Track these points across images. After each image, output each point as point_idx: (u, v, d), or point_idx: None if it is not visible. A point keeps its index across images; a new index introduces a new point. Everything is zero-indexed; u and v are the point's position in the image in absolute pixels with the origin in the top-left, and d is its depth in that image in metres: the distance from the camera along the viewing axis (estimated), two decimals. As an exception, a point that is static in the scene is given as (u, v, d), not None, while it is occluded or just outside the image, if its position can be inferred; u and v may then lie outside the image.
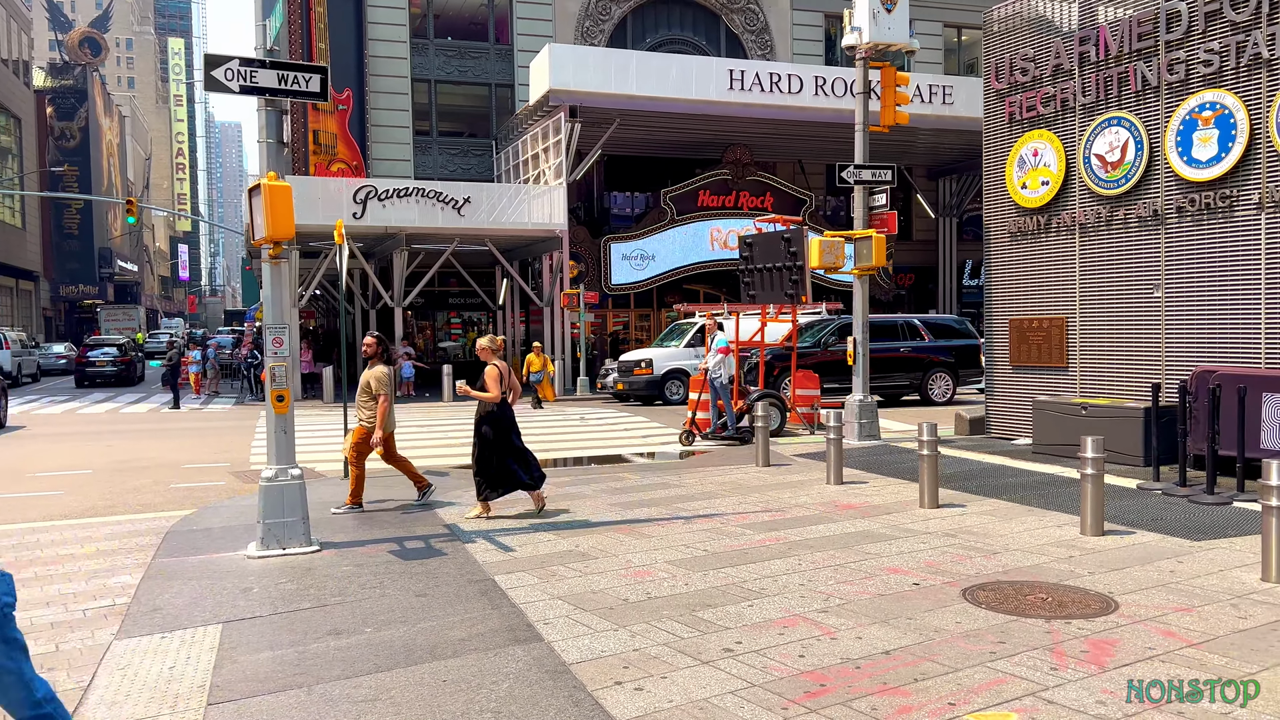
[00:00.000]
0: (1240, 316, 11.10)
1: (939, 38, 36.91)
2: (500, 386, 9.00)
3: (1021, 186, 13.79)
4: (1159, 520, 8.70)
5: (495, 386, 8.97)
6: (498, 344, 9.30)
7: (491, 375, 9.01)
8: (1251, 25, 10.94)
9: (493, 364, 9.08)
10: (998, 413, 14.40)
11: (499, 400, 9.04)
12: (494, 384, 8.98)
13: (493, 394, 8.97)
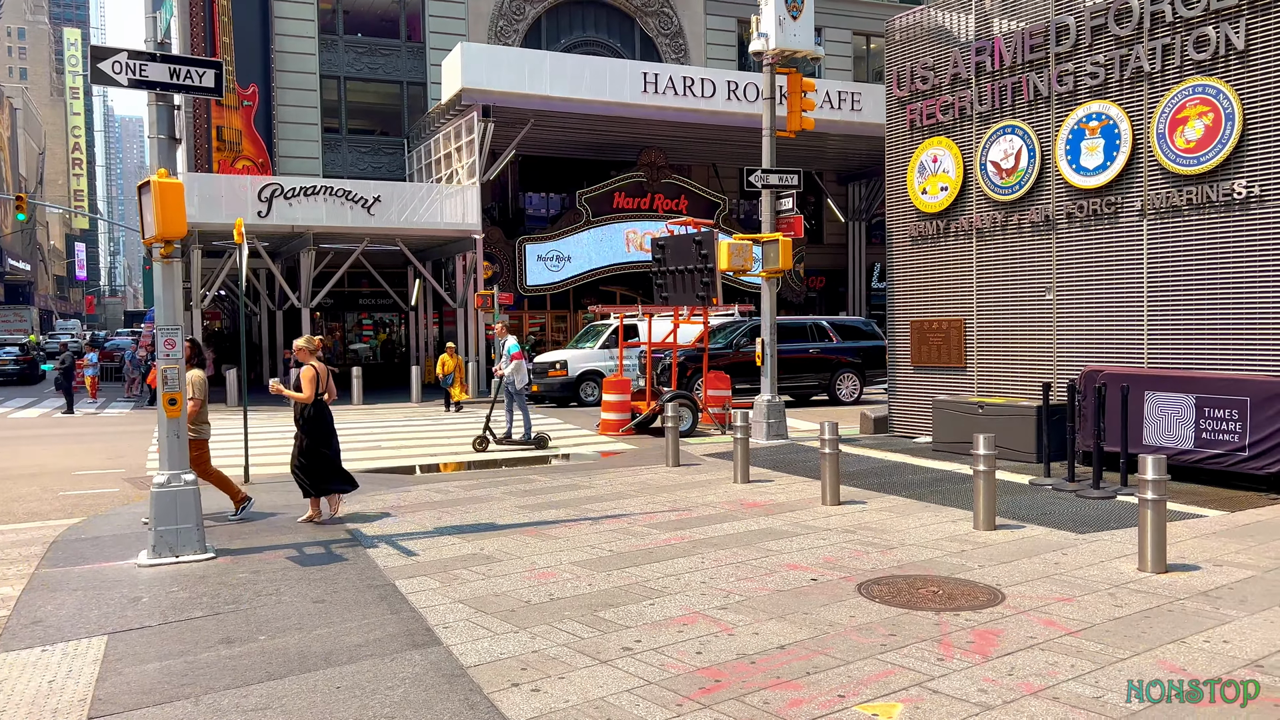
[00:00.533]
0: (1125, 318, 11.61)
1: (848, 45, 37.68)
2: (315, 388, 8.94)
3: (922, 192, 14.18)
4: (1047, 514, 9.05)
5: (309, 388, 8.91)
6: (315, 345, 9.22)
7: (307, 376, 8.94)
8: (1134, 40, 11.46)
9: (310, 365, 9.01)
10: (900, 412, 14.78)
11: (311, 401, 8.95)
12: (308, 385, 8.92)
13: (304, 395, 8.89)
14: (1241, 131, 10.37)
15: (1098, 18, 11.81)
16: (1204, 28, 10.73)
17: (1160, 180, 11.20)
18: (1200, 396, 10.24)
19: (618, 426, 16.38)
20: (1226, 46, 10.52)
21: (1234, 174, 10.49)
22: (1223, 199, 10.57)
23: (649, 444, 14.95)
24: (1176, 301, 11.08)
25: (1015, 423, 11.96)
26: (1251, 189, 10.32)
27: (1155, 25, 11.24)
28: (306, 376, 8.97)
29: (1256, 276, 10.33)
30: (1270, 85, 10.19)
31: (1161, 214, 11.20)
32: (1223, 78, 10.56)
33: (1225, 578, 6.79)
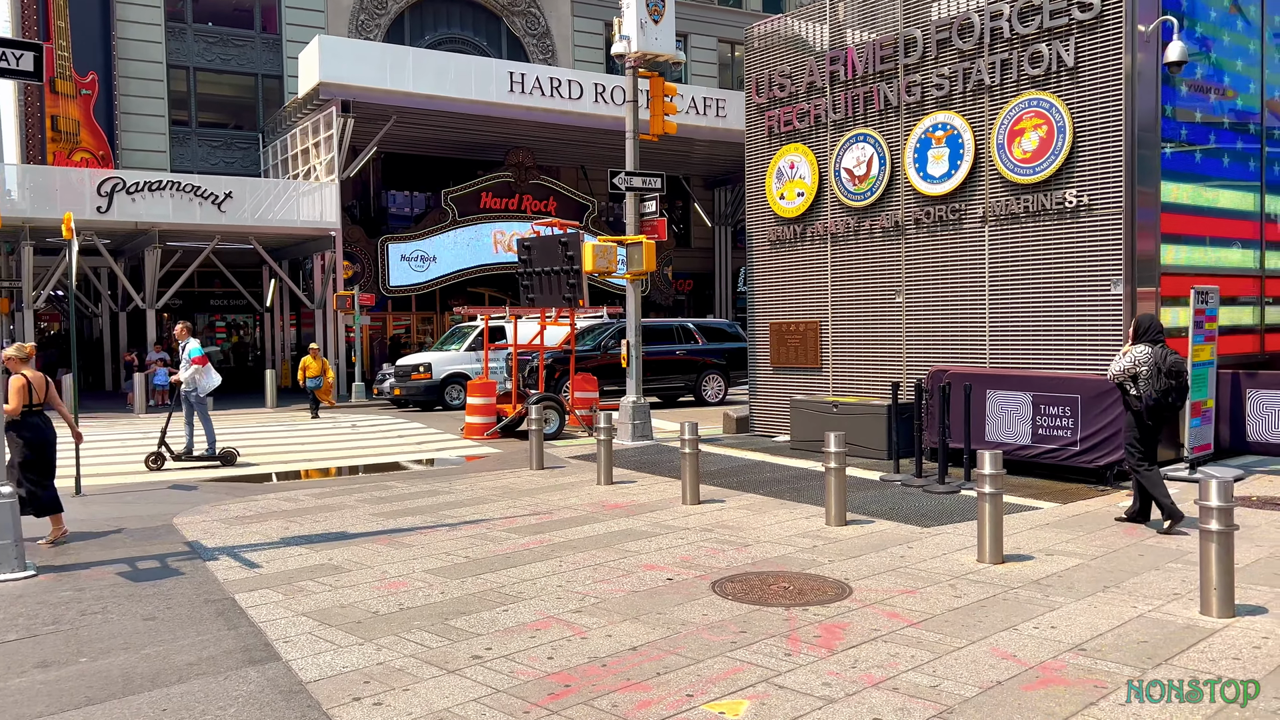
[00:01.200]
0: (969, 320, 12.15)
1: (714, 52, 38.30)
2: (24, 398, 8.20)
3: (780, 197, 14.50)
4: (896, 509, 9.36)
5: (16, 398, 8.14)
6: (27, 352, 8.51)
7: (15, 385, 8.17)
8: (976, 54, 12.01)
9: (20, 374, 8.26)
10: (760, 411, 15.07)
11: (18, 413, 8.18)
12: (16, 395, 8.14)
13: (11, 406, 8.12)
14: (1072, 144, 10.99)
15: (943, 31, 12.33)
16: (1038, 45, 11.33)
17: (1000, 189, 11.77)
18: (1036, 395, 10.80)
19: (483, 430, 16.15)
20: (1058, 63, 11.14)
21: (1065, 184, 11.11)
22: (1056, 207, 11.18)
23: (515, 447, 14.78)
24: (1015, 303, 11.66)
25: (868, 421, 12.35)
26: (1081, 198, 10.95)
27: (994, 41, 11.81)
28: (15, 386, 8.15)
29: (1085, 281, 10.96)
30: (1096, 101, 10.83)
31: (1001, 221, 11.77)
32: (1055, 92, 11.17)
33: (1056, 566, 7.15)
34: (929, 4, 12.62)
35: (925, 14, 12.65)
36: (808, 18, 14.30)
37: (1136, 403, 8.31)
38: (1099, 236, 10.84)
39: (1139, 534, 8.17)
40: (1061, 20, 11.09)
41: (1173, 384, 8.19)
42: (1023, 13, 11.48)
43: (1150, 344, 8.33)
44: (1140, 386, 8.27)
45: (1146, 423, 8.34)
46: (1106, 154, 10.76)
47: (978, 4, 12.04)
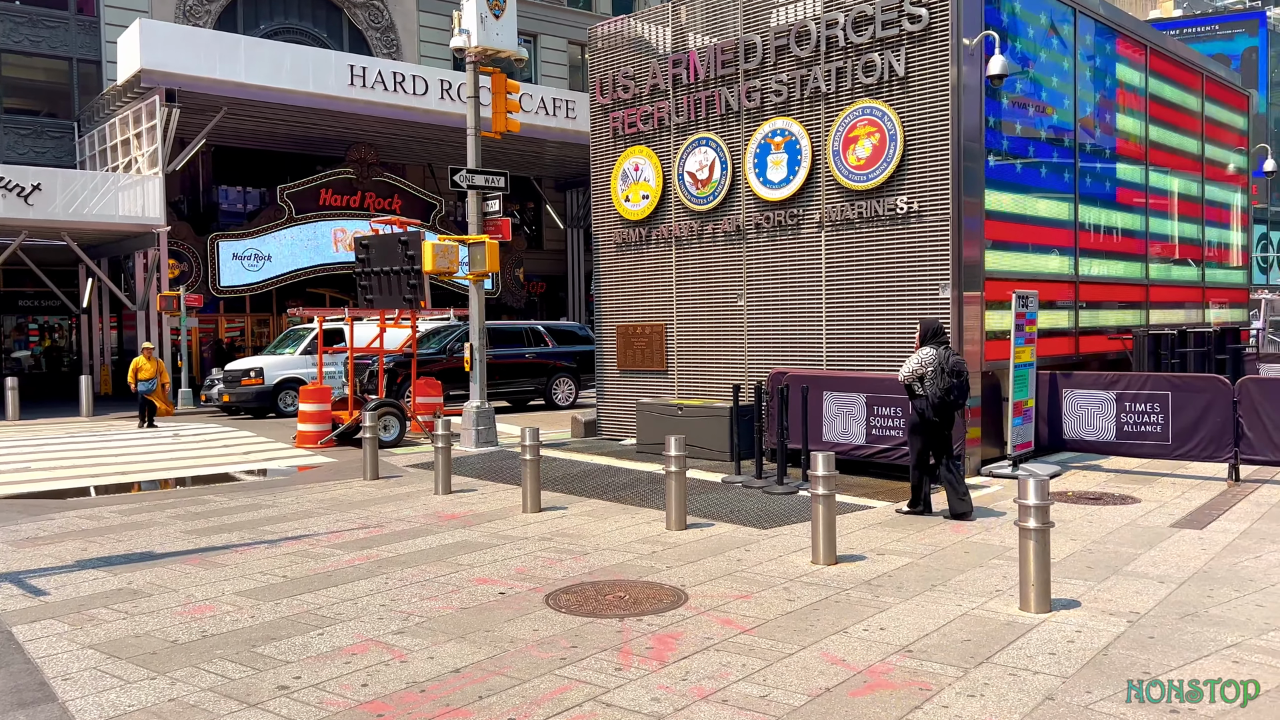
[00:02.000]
0: (807, 323, 12.34)
1: (564, 54, 38.08)
2: None
3: (625, 199, 14.41)
4: (735, 511, 9.35)
5: None
6: None
7: None
8: (813, 61, 12.22)
9: None
10: (607, 415, 14.93)
11: None
12: None
13: None
14: (903, 152, 11.30)
15: (781, 38, 12.49)
16: (871, 54, 11.61)
17: (836, 195, 12.01)
18: (870, 396, 11.04)
19: (316, 438, 15.39)
20: (890, 73, 11.44)
21: (897, 191, 11.42)
22: (888, 213, 11.48)
23: (351, 456, 14.13)
24: (851, 307, 11.91)
25: (711, 423, 12.37)
26: (911, 205, 11.28)
27: (830, 49, 12.04)
28: None
29: (915, 285, 11.29)
30: (925, 110, 11.18)
31: (837, 226, 12.00)
32: (888, 101, 11.47)
33: (887, 566, 7.25)
34: (768, 11, 12.78)
35: (765, 21, 12.80)
36: (650, 20, 14.26)
37: (922, 402, 8.85)
38: (928, 242, 11.19)
39: (965, 531, 8.41)
40: (893, 31, 11.40)
41: (954, 383, 8.77)
42: (857, 22, 11.75)
43: (935, 346, 8.87)
44: (926, 386, 8.80)
45: (934, 420, 8.87)
46: (935, 162, 11.11)
47: (815, 13, 12.26)
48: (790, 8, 12.50)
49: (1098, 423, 11.33)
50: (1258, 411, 10.32)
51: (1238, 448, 10.43)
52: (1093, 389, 11.40)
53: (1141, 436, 11.03)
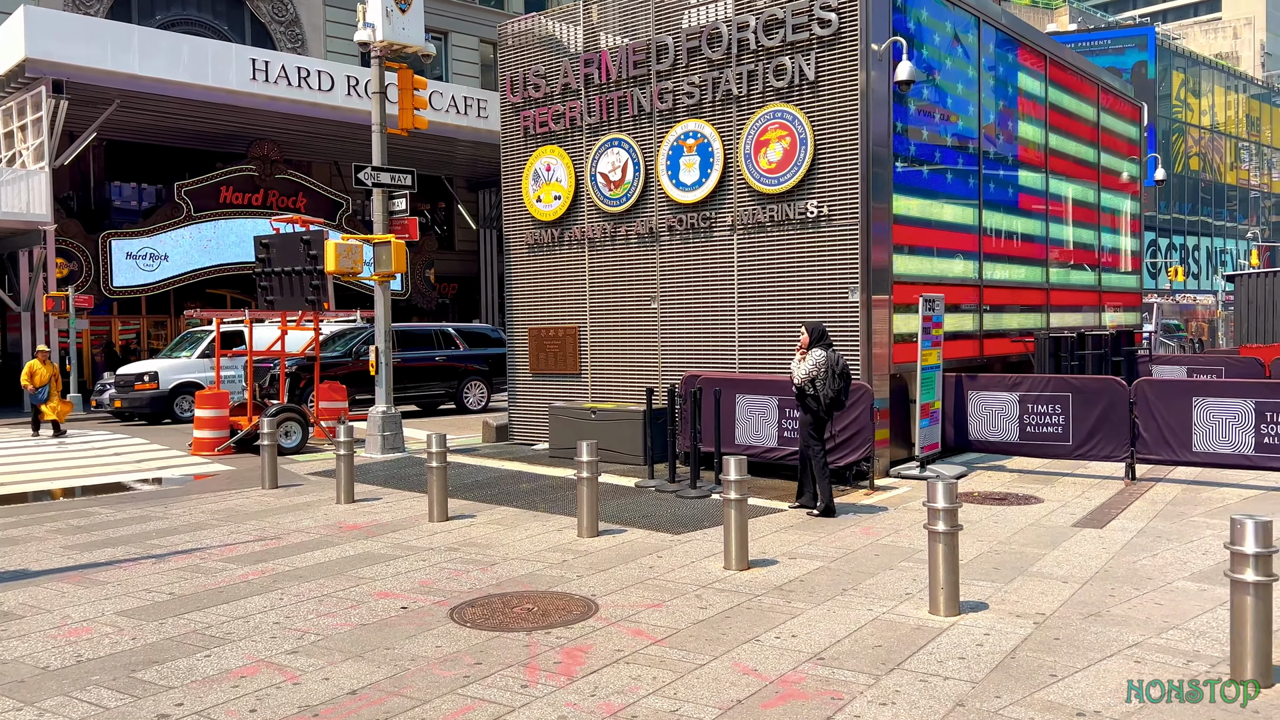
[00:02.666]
0: (720, 327, 12.31)
1: (476, 53, 37.57)
2: None
3: (537, 200, 14.18)
4: (649, 516, 9.23)
5: None
6: None
7: None
8: (724, 64, 12.19)
9: None
10: (520, 419, 14.68)
11: None
12: None
13: None
14: (814, 156, 11.35)
15: (693, 40, 12.44)
16: (782, 58, 11.63)
17: (748, 198, 12.00)
18: (781, 399, 11.05)
19: (213, 445, 14.76)
20: (801, 76, 11.48)
21: (807, 195, 11.47)
22: (799, 217, 11.52)
23: (250, 464, 13.57)
24: (762, 311, 11.91)
25: (625, 427, 12.24)
26: (821, 209, 11.33)
27: (742, 52, 12.03)
28: None
29: (826, 288, 11.34)
30: (835, 115, 11.24)
31: (749, 229, 11.99)
32: (798, 105, 11.50)
33: (798, 570, 7.21)
34: (680, 12, 12.71)
35: (677, 22, 12.73)
36: (562, 19, 14.07)
37: (814, 403, 9.09)
38: (838, 246, 11.25)
39: (875, 533, 8.43)
40: (803, 35, 11.44)
41: (843, 384, 9.11)
42: (768, 25, 11.76)
43: (824, 349, 9.11)
44: (818, 387, 9.03)
45: (824, 419, 9.16)
46: (844, 167, 11.18)
47: (726, 15, 12.23)
48: (702, 9, 12.45)
49: (1002, 424, 11.56)
50: (1152, 412, 10.64)
51: (1134, 447, 10.74)
52: (997, 391, 11.63)
53: (1043, 437, 11.28)
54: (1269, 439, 10.06)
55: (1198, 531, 8.30)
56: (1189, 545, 7.81)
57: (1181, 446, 10.49)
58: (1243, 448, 10.19)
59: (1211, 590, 6.52)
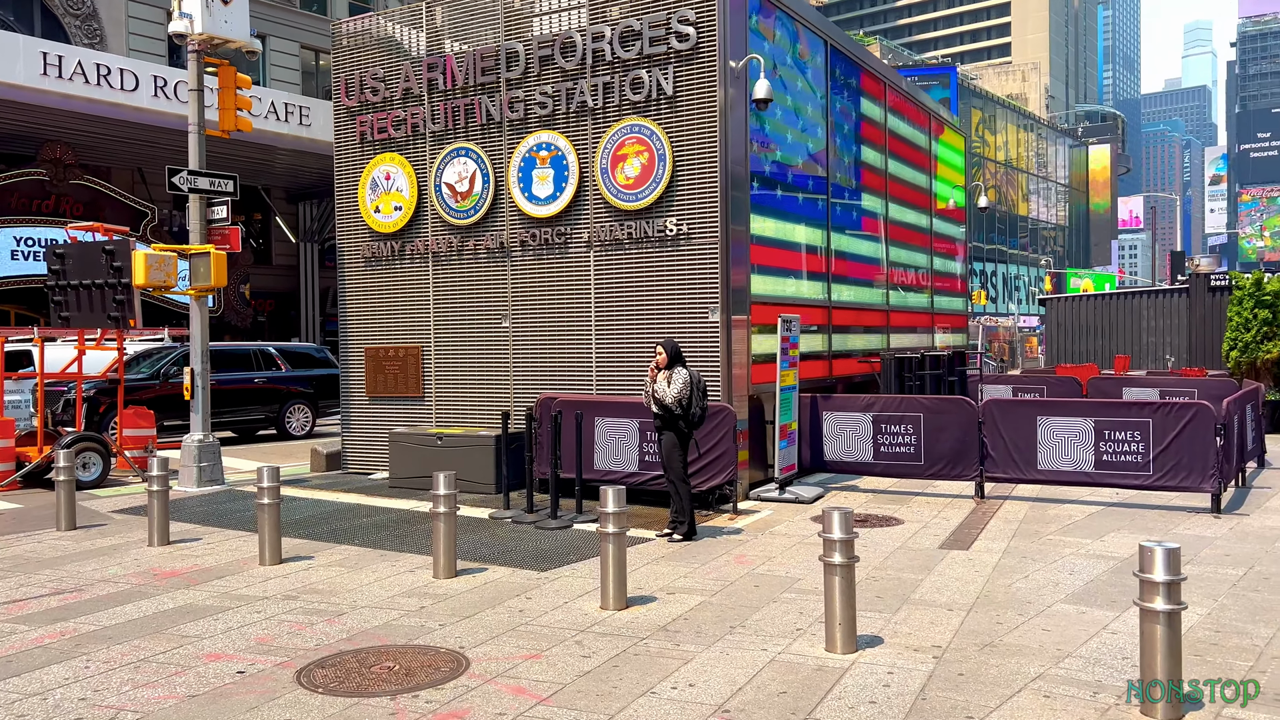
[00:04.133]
0: (578, 346, 11.80)
1: (297, 59, 35.70)
2: None
3: (375, 210, 13.27)
4: (510, 552, 8.58)
5: None
6: None
7: None
8: (579, 74, 11.75)
9: None
10: (354, 446, 13.64)
11: None
12: None
13: None
14: (672, 172, 11.05)
15: (545, 48, 11.94)
16: (639, 70, 11.30)
17: (605, 214, 11.57)
18: (643, 421, 10.63)
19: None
20: (659, 91, 11.17)
21: (666, 212, 11.15)
22: (658, 235, 11.18)
23: (42, 500, 11.94)
24: (621, 330, 11.49)
25: (475, 453, 11.52)
26: (681, 227, 11.04)
27: (597, 63, 11.63)
28: None
29: (686, 308, 11.04)
30: (694, 131, 10.99)
31: (607, 246, 11.57)
32: (655, 120, 11.19)
33: (680, 607, 6.76)
34: (531, 19, 12.19)
35: (528, 29, 12.20)
36: (403, 21, 13.27)
37: (683, 423, 8.83)
38: (698, 265, 10.98)
39: (749, 561, 8.11)
40: (661, 49, 11.15)
41: (705, 403, 9.01)
42: (624, 37, 11.41)
43: (684, 367, 8.92)
44: (686, 407, 8.82)
45: (689, 439, 8.97)
46: (703, 184, 10.94)
47: (580, 24, 11.81)
48: (555, 17, 11.97)
49: (857, 444, 11.57)
50: (1000, 431, 10.88)
51: (983, 466, 10.95)
52: (852, 411, 11.64)
53: (897, 457, 11.36)
54: (1108, 456, 10.45)
55: (1058, 550, 8.42)
56: (1054, 565, 7.88)
57: (1028, 465, 10.76)
58: (1084, 465, 10.54)
59: (1090, 613, 6.52)
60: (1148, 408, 10.46)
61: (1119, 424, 10.41)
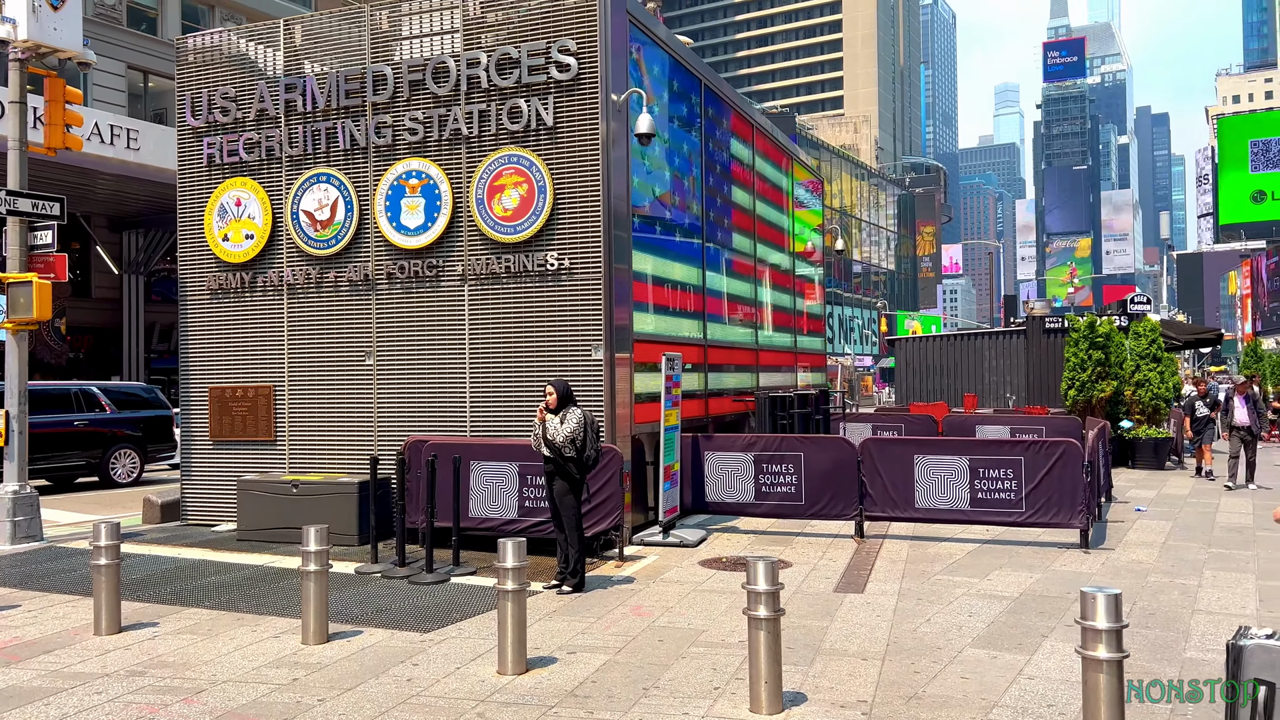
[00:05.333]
0: (450, 386, 11.15)
1: (123, 79, 33.42)
2: None
3: (223, 238, 12.26)
4: (385, 611, 7.85)
5: None
6: None
7: None
8: (452, 101, 11.23)
9: None
10: (196, 495, 12.45)
11: None
12: None
13: None
14: (553, 205, 10.66)
15: (416, 72, 11.37)
16: (517, 99, 10.89)
17: (481, 246, 11.04)
18: (524, 465, 10.10)
19: None
20: (538, 121, 10.79)
21: (547, 245, 10.73)
22: (538, 269, 10.74)
23: None
24: (499, 368, 10.94)
25: (337, 501, 10.66)
26: (563, 261, 10.64)
27: (472, 90, 11.15)
28: None
29: (568, 345, 10.62)
30: (576, 164, 10.66)
31: (483, 280, 11.03)
32: (535, 150, 10.79)
33: (585, 668, 6.27)
34: (401, 41, 11.61)
35: (398, 52, 11.60)
36: (257, 38, 12.40)
37: (575, 466, 8.40)
38: (581, 301, 10.60)
39: (648, 613, 7.70)
40: (541, 78, 10.79)
41: (599, 444, 8.71)
42: (501, 65, 10.99)
43: (576, 406, 8.57)
44: (579, 448, 8.40)
45: (581, 483, 8.55)
46: (586, 218, 10.59)
47: (454, 49, 11.31)
48: (428, 41, 11.43)
49: (739, 484, 11.38)
50: (878, 470, 10.91)
51: (862, 505, 10.95)
52: (733, 451, 11.46)
53: (779, 497, 11.23)
54: (982, 494, 10.63)
55: (949, 591, 8.40)
56: (951, 607, 7.83)
57: (906, 503, 10.83)
58: (960, 503, 10.69)
59: (1002, 658, 6.44)
60: (1019, 446, 10.72)
61: (993, 462, 10.62)
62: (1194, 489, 15.32)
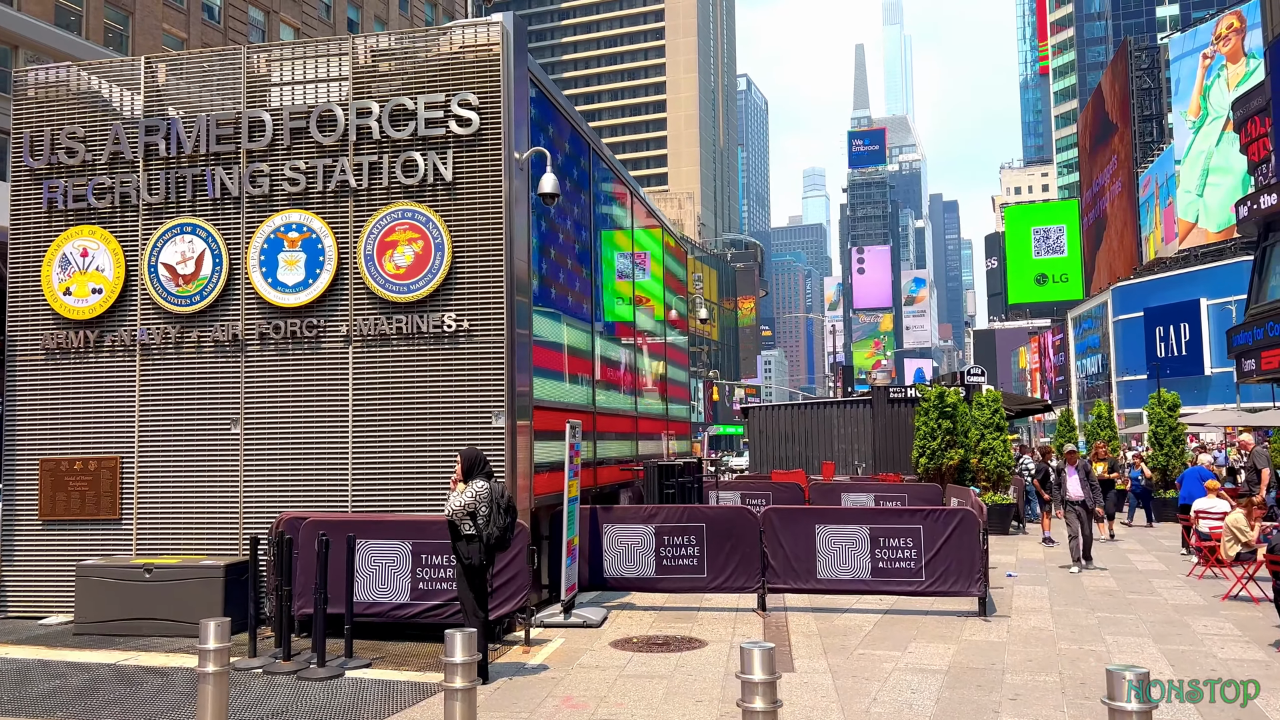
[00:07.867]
0: (329, 457, 10.23)
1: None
2: None
3: (65, 292, 10.94)
4: (275, 715, 6.90)
5: None
6: None
7: None
8: (339, 151, 10.52)
9: None
10: (20, 582, 10.82)
11: None
12: None
13: None
14: (451, 263, 10.08)
15: (299, 120, 10.60)
16: (413, 152, 10.31)
17: (369, 305, 10.29)
18: (416, 543, 9.32)
19: None
20: (436, 176, 10.24)
21: (444, 306, 10.11)
22: (434, 330, 10.08)
23: None
24: (387, 437, 10.13)
25: (198, 588, 9.50)
26: (461, 323, 10.04)
27: (362, 140, 10.49)
28: None
29: (465, 412, 9.97)
30: (477, 222, 10.15)
31: (370, 342, 10.25)
32: (432, 206, 10.21)
33: (543, 772, 5.64)
34: (280, 87, 10.83)
35: (277, 97, 10.81)
36: (114, 77, 11.28)
37: (474, 543, 7.71)
38: (480, 365, 10.00)
39: (582, 705, 7.12)
40: (439, 131, 10.27)
41: (509, 520, 7.94)
42: (395, 116, 10.40)
43: (485, 479, 7.92)
44: (479, 524, 7.73)
45: (483, 564, 7.84)
46: (488, 279, 10.06)
47: (341, 97, 10.64)
48: (312, 88, 10.71)
49: (639, 557, 10.94)
50: (779, 541, 10.74)
51: (764, 577, 10.72)
52: (634, 523, 11.04)
53: (681, 570, 10.85)
54: (883, 564, 10.63)
55: (879, 666, 8.23)
56: (890, 684, 7.65)
57: (808, 574, 10.68)
58: (861, 573, 10.64)
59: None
60: (918, 514, 10.82)
61: (893, 530, 10.65)
62: (1046, 554, 16.00)
